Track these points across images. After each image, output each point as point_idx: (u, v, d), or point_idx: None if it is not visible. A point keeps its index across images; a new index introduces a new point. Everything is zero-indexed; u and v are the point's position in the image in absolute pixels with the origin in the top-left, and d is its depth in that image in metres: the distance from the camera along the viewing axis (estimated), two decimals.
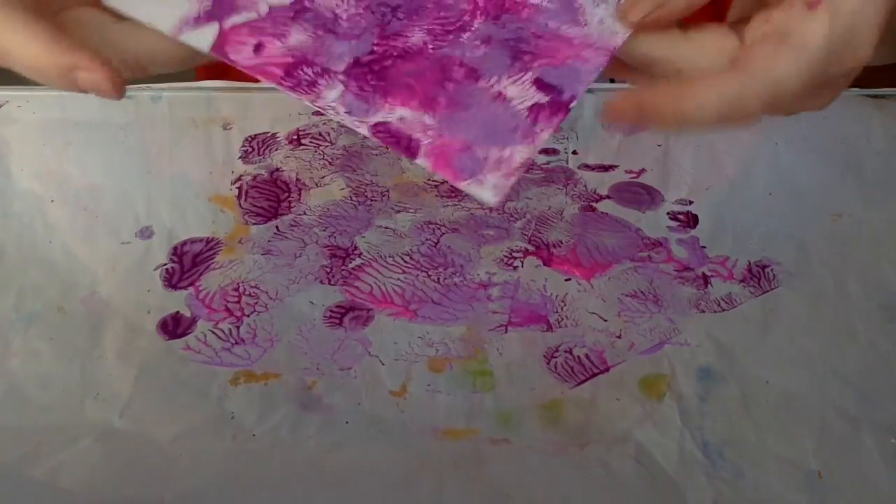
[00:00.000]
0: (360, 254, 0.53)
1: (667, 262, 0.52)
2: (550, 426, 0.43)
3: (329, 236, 0.54)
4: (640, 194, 0.56)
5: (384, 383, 0.45)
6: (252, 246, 0.53)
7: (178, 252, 0.53)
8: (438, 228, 0.54)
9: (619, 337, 0.48)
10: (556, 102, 0.43)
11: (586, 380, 0.46)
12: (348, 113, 0.41)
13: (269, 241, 0.54)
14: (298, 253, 0.53)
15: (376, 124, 0.41)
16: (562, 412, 0.44)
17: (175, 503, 0.40)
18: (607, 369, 0.46)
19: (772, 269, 0.51)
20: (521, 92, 0.42)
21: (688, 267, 0.52)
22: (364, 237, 0.54)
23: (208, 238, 0.54)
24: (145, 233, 0.54)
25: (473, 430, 0.43)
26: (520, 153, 0.41)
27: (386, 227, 0.54)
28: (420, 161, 0.40)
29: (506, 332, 0.48)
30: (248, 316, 0.49)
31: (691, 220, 0.55)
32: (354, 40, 0.42)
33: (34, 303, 0.50)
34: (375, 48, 0.42)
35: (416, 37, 0.43)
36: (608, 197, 0.56)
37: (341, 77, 0.42)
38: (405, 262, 0.52)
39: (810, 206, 0.55)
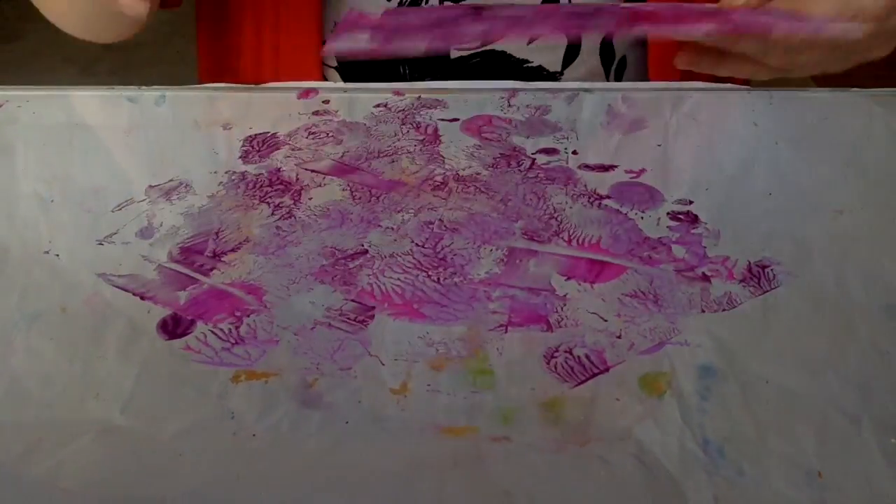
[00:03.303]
0: (361, 254, 0.53)
1: (667, 262, 0.52)
2: (551, 424, 0.43)
3: (329, 236, 0.54)
4: (640, 194, 0.57)
5: (385, 382, 0.45)
6: (252, 246, 0.53)
7: (178, 252, 0.53)
8: (438, 228, 0.54)
9: (619, 337, 0.48)
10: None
11: (586, 380, 0.46)
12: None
13: (269, 241, 0.54)
14: (298, 253, 0.53)
15: (706, 34, 0.52)
16: (562, 410, 0.44)
17: (176, 501, 0.40)
18: (607, 369, 0.46)
19: (772, 269, 0.51)
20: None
21: (688, 267, 0.52)
22: (364, 237, 0.54)
23: (208, 238, 0.54)
24: (147, 233, 0.54)
25: (473, 428, 0.43)
26: (818, 21, 0.51)
27: (386, 227, 0.54)
28: (779, 32, 0.52)
29: (506, 332, 0.48)
30: (248, 316, 0.49)
31: (691, 220, 0.55)
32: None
33: (37, 303, 0.50)
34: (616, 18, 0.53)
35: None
36: (608, 197, 0.56)
37: (627, 26, 0.52)
38: (405, 261, 0.52)
39: (811, 204, 0.55)
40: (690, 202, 0.56)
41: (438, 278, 0.51)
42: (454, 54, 0.75)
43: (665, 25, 0.51)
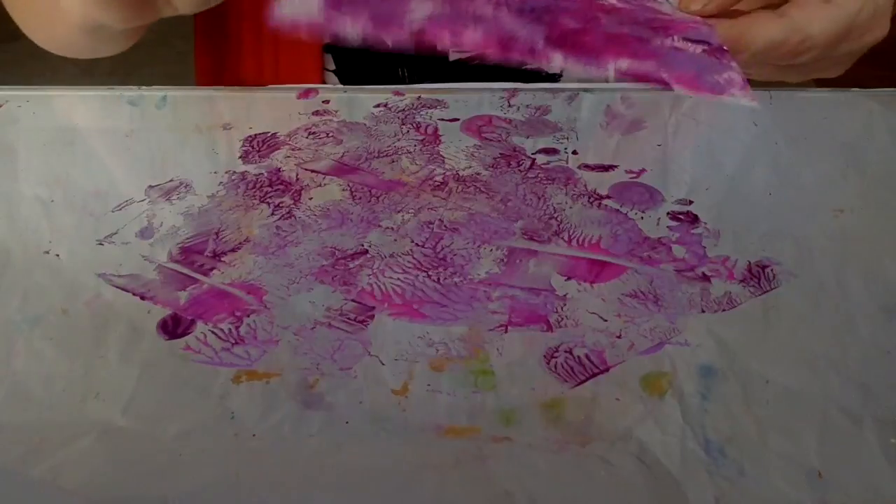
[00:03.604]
0: (361, 254, 0.53)
1: (667, 262, 0.52)
2: (552, 424, 0.43)
3: (329, 236, 0.54)
4: (640, 194, 0.57)
5: (385, 382, 0.45)
6: (252, 246, 0.53)
7: (178, 252, 0.53)
8: (438, 228, 0.54)
9: (619, 337, 0.48)
10: (714, 48, 0.51)
11: (586, 380, 0.46)
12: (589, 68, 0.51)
13: (269, 241, 0.54)
14: (298, 253, 0.53)
15: (616, 72, 0.51)
16: (563, 410, 0.44)
17: (177, 501, 0.40)
18: (607, 369, 0.46)
19: (772, 269, 0.51)
20: (685, 45, 0.52)
21: (688, 267, 0.52)
22: (365, 237, 0.54)
23: (208, 238, 0.54)
24: (146, 233, 0.54)
25: (475, 429, 0.43)
26: (734, 76, 0.51)
27: (386, 227, 0.54)
28: (678, 89, 0.50)
29: (506, 331, 0.48)
30: (248, 316, 0.49)
31: (691, 220, 0.55)
32: (525, 27, 0.51)
33: (39, 305, 0.50)
34: (548, 32, 0.51)
35: (572, 24, 0.52)
36: (608, 197, 0.56)
37: (549, 48, 0.51)
38: (405, 261, 0.52)
39: (811, 204, 0.55)
40: (690, 202, 0.56)
41: (438, 278, 0.51)
42: (453, 56, 0.75)
43: (577, 58, 0.51)
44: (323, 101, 0.64)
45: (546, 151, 0.60)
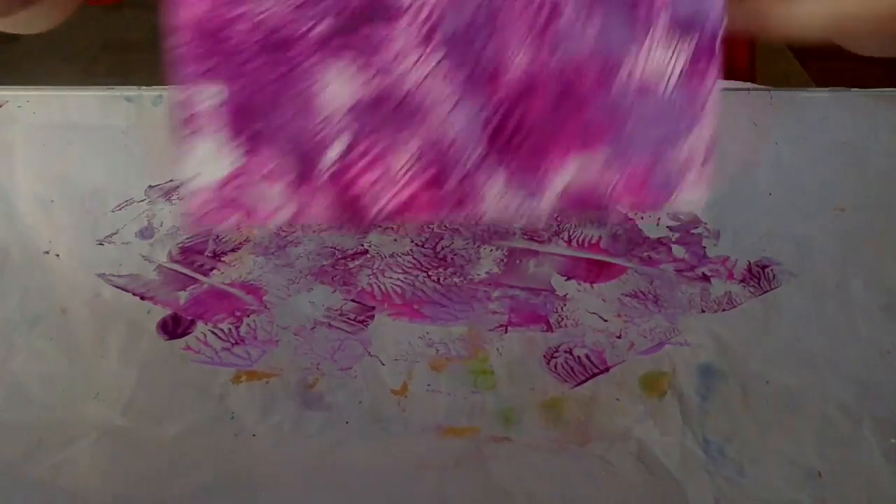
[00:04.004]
0: (361, 254, 0.53)
1: (667, 262, 0.52)
2: (551, 424, 0.44)
3: (329, 236, 0.54)
4: None
5: (385, 382, 0.45)
6: (252, 246, 0.53)
7: (178, 252, 0.53)
8: (438, 228, 0.54)
9: (619, 337, 0.48)
10: (701, 45, 0.38)
11: (586, 380, 0.46)
12: (530, 195, 0.38)
13: (269, 241, 0.54)
14: (298, 253, 0.53)
15: (561, 195, 0.38)
16: (563, 410, 0.44)
17: (176, 501, 0.40)
18: (607, 369, 0.46)
19: (772, 269, 0.51)
20: (661, 60, 0.38)
21: (688, 267, 0.52)
22: (364, 237, 0.54)
23: (208, 238, 0.54)
24: (146, 233, 0.54)
25: (474, 429, 0.43)
26: (699, 139, 0.39)
27: (386, 227, 0.54)
28: (622, 208, 0.40)
29: (506, 332, 0.48)
30: (248, 316, 0.49)
31: (691, 220, 0.55)
32: (465, 102, 0.37)
33: (38, 304, 0.50)
34: (493, 98, 0.38)
35: (520, 56, 0.37)
36: None
37: (490, 161, 0.38)
38: (405, 262, 0.52)
39: (811, 204, 0.55)
40: None
41: (438, 278, 0.51)
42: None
43: (516, 163, 0.38)
44: None
45: None
